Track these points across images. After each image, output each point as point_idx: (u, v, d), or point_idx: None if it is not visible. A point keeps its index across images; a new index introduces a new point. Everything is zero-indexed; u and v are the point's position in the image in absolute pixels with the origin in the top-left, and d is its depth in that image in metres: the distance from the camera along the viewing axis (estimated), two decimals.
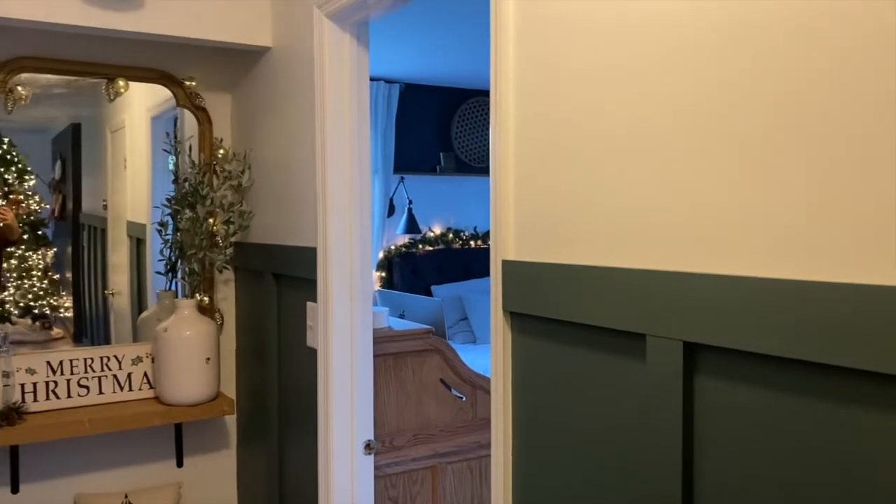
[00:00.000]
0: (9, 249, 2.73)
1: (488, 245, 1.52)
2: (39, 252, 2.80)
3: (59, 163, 2.89)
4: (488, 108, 1.49)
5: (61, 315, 2.86)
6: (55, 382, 2.55)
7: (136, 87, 2.78)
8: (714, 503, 1.08)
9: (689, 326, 1.07)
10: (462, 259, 6.29)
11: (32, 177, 2.75)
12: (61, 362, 2.57)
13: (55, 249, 2.85)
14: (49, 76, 2.65)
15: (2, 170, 2.67)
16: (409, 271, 6.02)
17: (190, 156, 2.73)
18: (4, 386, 2.36)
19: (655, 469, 1.14)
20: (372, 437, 2.24)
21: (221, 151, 2.81)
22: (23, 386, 2.48)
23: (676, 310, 1.09)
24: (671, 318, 1.10)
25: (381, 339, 2.67)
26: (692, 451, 1.10)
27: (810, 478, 0.94)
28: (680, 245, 1.11)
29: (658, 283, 1.12)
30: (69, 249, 2.91)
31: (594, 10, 1.25)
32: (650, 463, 1.16)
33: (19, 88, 2.54)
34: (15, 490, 2.57)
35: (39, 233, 2.81)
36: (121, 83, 2.71)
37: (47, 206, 2.81)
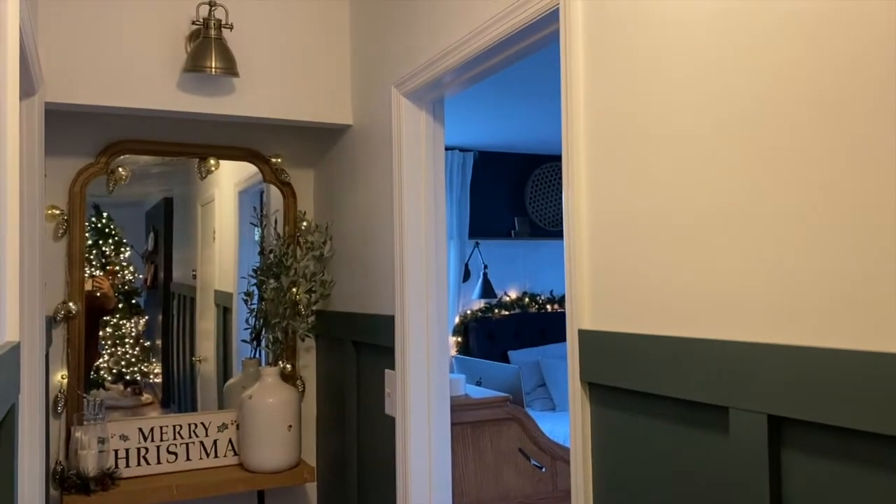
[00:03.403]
0: (105, 318, 2.88)
1: (565, 309, 1.52)
2: (132, 320, 2.94)
3: (152, 234, 3.05)
4: (562, 173, 1.52)
5: (151, 381, 2.98)
6: (146, 449, 2.64)
7: (224, 163, 2.94)
8: None
9: (774, 399, 1.05)
10: (539, 323, 6.23)
11: (127, 248, 2.91)
12: (152, 429, 2.67)
13: (147, 317, 2.99)
14: (146, 157, 2.83)
15: (100, 242, 2.84)
16: (485, 336, 6.01)
17: (275, 228, 2.85)
18: (100, 452, 2.46)
19: None
20: None
21: (305, 224, 2.93)
22: (116, 452, 2.59)
23: (760, 382, 1.07)
24: (755, 390, 1.08)
25: (459, 407, 2.67)
26: None
27: None
28: (762, 316, 1.09)
29: (741, 354, 1.11)
30: (160, 317, 3.04)
31: (666, 77, 1.28)
32: None
33: (120, 170, 2.72)
34: None
35: (133, 301, 2.96)
36: (212, 162, 2.87)
37: (140, 276, 2.96)
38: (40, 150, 2.04)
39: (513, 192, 6.32)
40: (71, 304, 2.59)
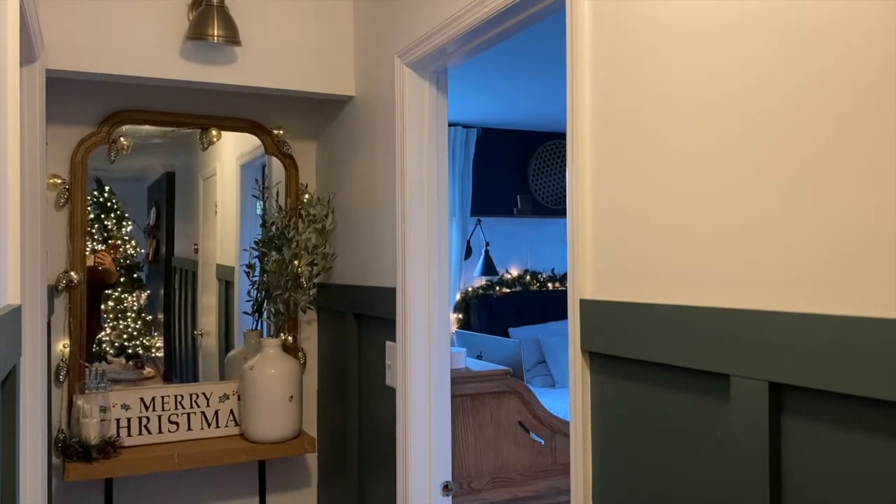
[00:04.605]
0: (106, 292, 2.89)
1: (566, 287, 1.52)
2: (134, 294, 2.95)
3: (153, 209, 3.05)
4: (565, 151, 1.51)
5: (153, 355, 2.99)
6: (147, 418, 2.66)
7: (226, 136, 2.93)
8: None
9: (775, 366, 1.05)
10: (540, 301, 6.25)
11: (129, 223, 2.91)
12: (154, 399, 2.68)
13: (148, 291, 2.99)
14: (148, 127, 2.82)
15: (102, 216, 2.84)
16: (486, 313, 6.02)
17: (277, 201, 2.84)
18: (101, 420, 2.47)
19: None
20: (450, 479, 2.24)
21: (306, 196, 2.92)
22: (118, 421, 2.60)
23: (761, 349, 1.07)
24: (756, 357, 1.08)
25: (459, 379, 2.68)
26: (780, 495, 1.07)
27: None
28: (764, 284, 1.09)
29: (742, 321, 1.10)
30: (161, 291, 3.05)
31: (672, 54, 1.27)
32: None
33: (122, 139, 2.71)
34: None
35: (135, 276, 2.96)
36: (214, 133, 2.86)
37: (142, 251, 2.96)
38: (41, 118, 2.03)
39: (516, 170, 6.31)
40: (72, 273, 2.59)
